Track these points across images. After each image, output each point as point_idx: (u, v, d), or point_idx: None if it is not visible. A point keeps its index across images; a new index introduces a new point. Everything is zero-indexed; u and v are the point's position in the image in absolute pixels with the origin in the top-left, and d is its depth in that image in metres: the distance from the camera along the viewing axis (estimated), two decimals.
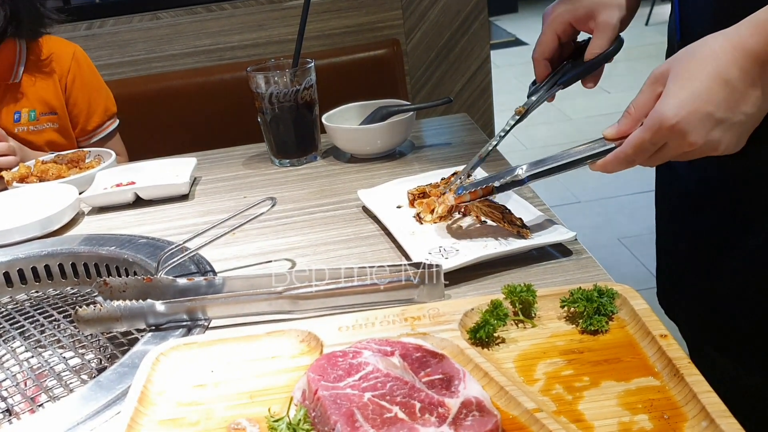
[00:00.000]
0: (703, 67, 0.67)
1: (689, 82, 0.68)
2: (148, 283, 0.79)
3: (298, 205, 1.08)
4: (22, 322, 0.90)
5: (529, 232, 0.84)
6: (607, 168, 0.76)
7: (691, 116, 0.67)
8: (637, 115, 0.73)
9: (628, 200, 3.24)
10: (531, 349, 0.63)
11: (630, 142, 0.72)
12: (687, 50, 0.70)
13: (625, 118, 0.74)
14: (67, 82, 1.60)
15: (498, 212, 0.86)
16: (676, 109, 0.67)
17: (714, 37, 0.69)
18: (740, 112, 0.68)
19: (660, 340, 0.60)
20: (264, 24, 2.26)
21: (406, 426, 0.52)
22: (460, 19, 2.34)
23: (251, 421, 0.58)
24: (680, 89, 0.68)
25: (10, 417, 0.75)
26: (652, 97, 0.72)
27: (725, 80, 0.67)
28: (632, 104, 0.74)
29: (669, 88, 0.69)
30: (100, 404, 0.66)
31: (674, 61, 0.70)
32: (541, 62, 0.92)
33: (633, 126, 0.73)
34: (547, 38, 0.91)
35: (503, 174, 0.83)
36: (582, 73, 0.91)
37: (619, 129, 0.75)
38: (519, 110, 0.93)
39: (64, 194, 1.14)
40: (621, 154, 0.73)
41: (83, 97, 1.62)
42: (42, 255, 1.00)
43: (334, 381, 0.57)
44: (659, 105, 0.69)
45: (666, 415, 0.53)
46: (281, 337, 0.69)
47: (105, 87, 1.69)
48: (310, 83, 1.23)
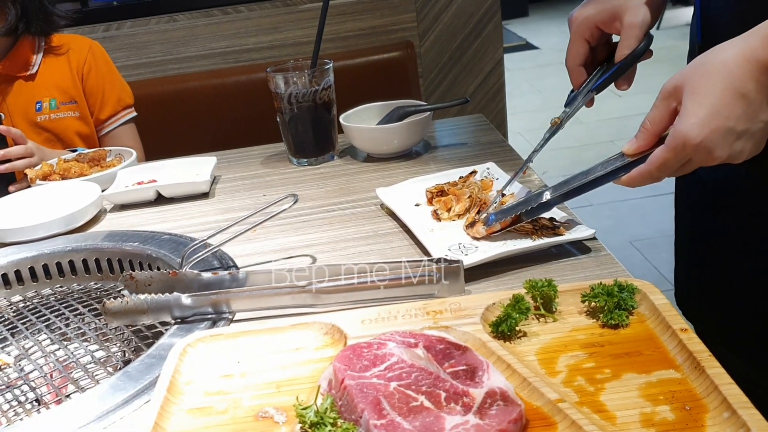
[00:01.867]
0: (718, 82, 0.68)
1: (707, 99, 0.68)
2: (173, 277, 0.81)
3: (317, 203, 1.09)
4: (48, 316, 0.92)
5: (563, 229, 0.85)
6: (632, 184, 0.76)
7: (714, 134, 0.68)
8: (654, 130, 0.74)
9: (640, 203, 3.24)
10: (552, 343, 0.64)
11: (654, 161, 0.73)
12: (698, 63, 0.71)
13: (642, 133, 0.75)
14: (83, 72, 1.65)
15: (529, 227, 0.86)
16: (698, 128, 0.68)
17: (724, 49, 0.69)
18: (759, 120, 0.69)
19: (680, 334, 0.61)
20: (279, 26, 2.28)
21: (432, 414, 0.53)
22: (474, 21, 2.35)
23: (278, 409, 0.60)
24: (699, 107, 0.68)
25: (39, 406, 0.76)
26: (667, 111, 0.73)
27: (742, 94, 0.68)
28: (647, 119, 0.75)
29: (687, 106, 0.69)
30: (128, 394, 0.67)
31: (687, 75, 0.71)
32: (575, 69, 0.91)
33: (651, 141, 0.75)
34: (577, 45, 0.90)
35: (529, 200, 0.85)
36: (614, 76, 0.90)
37: (639, 145, 0.76)
38: (555, 121, 0.92)
39: (87, 192, 1.16)
40: (645, 172, 0.74)
41: (98, 87, 1.67)
42: (66, 251, 1.01)
43: (360, 371, 0.58)
44: (680, 124, 0.70)
45: (687, 406, 0.54)
46: (305, 330, 0.70)
47: (120, 79, 1.74)
48: (329, 84, 1.25)
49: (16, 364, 0.85)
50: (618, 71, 0.89)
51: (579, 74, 0.92)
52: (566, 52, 0.92)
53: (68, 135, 1.62)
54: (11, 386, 0.80)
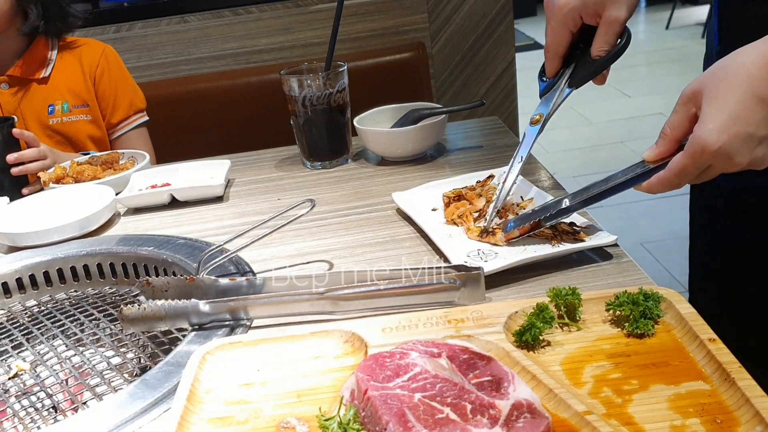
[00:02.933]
0: (737, 87, 0.67)
1: (726, 104, 0.67)
2: (190, 283, 0.80)
3: (333, 207, 1.09)
4: (62, 320, 0.91)
5: (584, 234, 0.84)
6: (652, 190, 0.75)
7: (734, 139, 0.67)
8: (674, 136, 0.73)
9: (651, 205, 3.23)
10: (577, 352, 0.63)
11: (673, 168, 0.72)
12: (718, 67, 0.69)
13: (662, 139, 0.74)
14: (96, 76, 1.65)
15: (549, 232, 0.85)
16: (716, 134, 0.67)
17: (744, 53, 0.68)
18: None
19: (708, 344, 0.60)
20: (290, 27, 2.28)
21: (459, 427, 0.52)
22: (486, 22, 2.34)
23: (300, 420, 0.59)
24: (718, 112, 0.67)
25: (56, 414, 0.76)
26: (686, 117, 0.72)
27: (761, 99, 0.66)
28: (667, 125, 0.74)
29: (705, 112, 0.68)
30: (147, 402, 0.67)
31: (706, 80, 0.70)
32: (556, 58, 0.91)
33: (671, 147, 0.74)
34: (561, 34, 0.89)
35: (549, 207, 0.84)
36: (594, 72, 0.89)
37: (659, 151, 0.75)
38: (535, 119, 0.91)
39: (101, 195, 1.15)
40: (665, 179, 0.73)
41: (110, 91, 1.67)
42: (81, 255, 1.01)
43: (383, 381, 0.57)
44: (699, 130, 0.69)
45: (718, 419, 0.53)
46: (325, 338, 0.69)
47: (133, 83, 1.74)
48: (343, 86, 1.24)
49: (31, 370, 0.84)
50: (599, 67, 0.88)
51: (558, 63, 0.91)
52: (547, 39, 0.91)
53: (80, 138, 1.62)
54: (27, 393, 0.80)
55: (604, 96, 4.82)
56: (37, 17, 1.54)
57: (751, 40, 0.69)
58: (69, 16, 1.62)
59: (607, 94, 4.90)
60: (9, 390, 0.81)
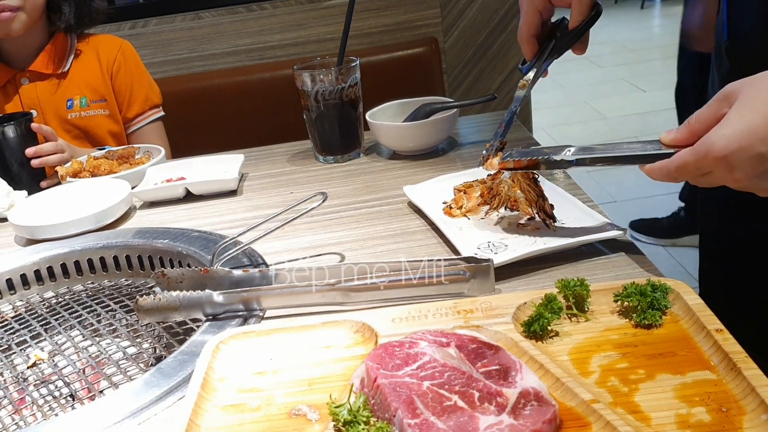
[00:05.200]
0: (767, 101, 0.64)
1: (750, 115, 0.64)
2: (204, 275, 0.81)
3: (344, 200, 1.10)
4: (79, 312, 0.93)
5: (554, 224, 0.84)
6: (651, 175, 0.73)
7: (741, 153, 0.64)
8: (696, 128, 0.70)
9: (664, 200, 3.21)
10: (585, 343, 0.64)
11: (675, 160, 0.70)
12: (765, 75, 0.66)
13: (684, 127, 0.71)
14: (113, 71, 1.68)
15: (534, 193, 0.86)
16: (725, 141, 0.64)
17: None
18: None
19: (715, 335, 0.60)
20: (303, 23, 2.29)
21: (466, 414, 0.53)
22: (498, 17, 2.34)
23: (311, 407, 0.60)
24: (739, 120, 0.64)
25: (74, 402, 0.77)
26: (715, 114, 0.68)
27: None
28: (695, 115, 0.70)
29: (729, 116, 0.65)
30: (162, 390, 0.68)
31: (746, 84, 0.66)
32: (529, 41, 0.95)
33: (689, 138, 0.70)
34: (530, 17, 0.94)
35: (552, 151, 0.82)
36: (571, 41, 0.94)
37: (676, 137, 0.72)
38: (522, 84, 0.97)
39: (117, 189, 1.17)
40: (664, 167, 0.71)
41: (126, 85, 1.69)
42: (98, 247, 1.03)
43: (393, 370, 0.58)
44: (713, 132, 0.66)
45: (724, 407, 0.54)
46: (336, 328, 0.70)
47: (149, 79, 1.76)
48: (355, 81, 1.25)
49: (50, 359, 0.86)
50: (573, 37, 0.93)
51: (533, 46, 0.96)
52: (520, 24, 0.96)
53: (98, 133, 1.64)
54: (46, 381, 0.81)
55: (619, 90, 4.80)
56: (70, 12, 1.58)
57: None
58: (94, 11, 1.66)
59: (622, 88, 4.88)
60: (28, 379, 0.83)
